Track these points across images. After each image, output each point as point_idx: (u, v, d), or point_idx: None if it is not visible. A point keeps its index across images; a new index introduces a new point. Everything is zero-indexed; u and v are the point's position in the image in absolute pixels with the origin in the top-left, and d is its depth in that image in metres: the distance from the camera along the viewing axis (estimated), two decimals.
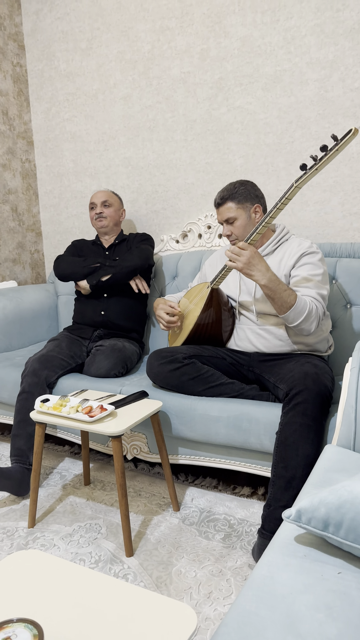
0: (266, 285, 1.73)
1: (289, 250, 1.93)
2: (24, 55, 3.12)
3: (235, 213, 1.96)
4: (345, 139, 1.51)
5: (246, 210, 1.96)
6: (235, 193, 1.95)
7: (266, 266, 1.74)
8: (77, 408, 1.71)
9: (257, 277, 1.73)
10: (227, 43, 2.49)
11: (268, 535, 1.55)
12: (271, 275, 1.73)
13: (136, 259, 2.41)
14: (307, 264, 1.88)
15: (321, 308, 1.81)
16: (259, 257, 1.74)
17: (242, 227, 1.97)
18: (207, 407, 1.85)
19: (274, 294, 1.74)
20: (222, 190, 1.99)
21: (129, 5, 2.73)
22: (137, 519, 1.84)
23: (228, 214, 1.96)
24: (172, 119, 2.72)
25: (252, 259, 1.73)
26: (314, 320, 1.78)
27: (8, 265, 3.10)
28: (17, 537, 1.76)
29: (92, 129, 2.98)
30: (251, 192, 1.97)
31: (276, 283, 1.73)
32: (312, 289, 1.83)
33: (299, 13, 2.30)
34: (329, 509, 0.91)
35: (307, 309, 1.76)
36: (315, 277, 1.85)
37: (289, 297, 1.74)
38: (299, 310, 1.75)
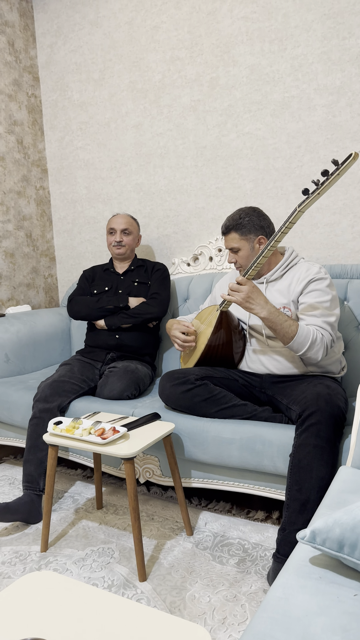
0: (266, 318, 1.77)
1: (297, 275, 1.94)
2: (39, 86, 3.22)
3: (239, 244, 1.98)
4: (345, 163, 1.53)
5: (249, 242, 1.98)
6: (240, 224, 1.97)
7: (264, 299, 1.79)
8: (89, 430, 1.72)
9: (256, 310, 1.78)
10: (236, 71, 2.56)
11: (283, 559, 1.53)
12: (270, 307, 1.77)
13: (156, 310, 2.44)
14: (315, 291, 1.88)
15: (328, 335, 1.81)
16: (257, 291, 1.79)
17: (245, 257, 1.99)
18: (220, 429, 1.84)
19: (275, 325, 1.77)
20: (228, 218, 2.01)
21: (140, 37, 2.81)
22: (150, 544, 1.82)
23: (232, 244, 1.99)
24: (182, 146, 2.77)
25: (251, 293, 1.77)
26: (319, 348, 1.79)
27: (22, 289, 3.14)
28: (29, 561, 1.75)
29: (104, 157, 3.05)
30: (256, 223, 1.98)
31: (275, 315, 1.77)
32: (318, 318, 1.84)
33: (306, 41, 2.36)
34: (344, 530, 0.90)
35: (311, 338, 1.77)
36: (322, 304, 1.85)
37: (289, 327, 1.76)
38: (302, 340, 1.76)
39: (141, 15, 2.79)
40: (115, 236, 2.57)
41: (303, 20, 2.35)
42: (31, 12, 3.15)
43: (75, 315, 2.52)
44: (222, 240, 2.66)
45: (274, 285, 1.98)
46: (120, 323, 2.42)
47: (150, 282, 2.55)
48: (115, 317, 2.43)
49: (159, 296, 2.48)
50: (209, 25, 2.60)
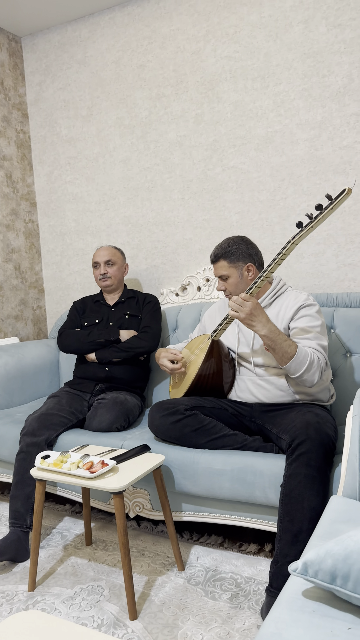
0: (266, 336, 1.75)
1: (285, 302, 1.96)
2: (28, 122, 3.28)
3: (228, 271, 2.01)
4: (339, 198, 1.56)
5: (238, 269, 2.00)
6: (228, 252, 2.00)
7: (267, 317, 1.77)
8: (77, 464, 1.69)
9: (257, 327, 1.75)
10: (221, 107, 2.63)
11: (276, 593, 1.50)
12: (271, 326, 1.76)
13: (147, 344, 2.43)
14: (306, 316, 1.90)
15: (323, 359, 1.81)
16: (260, 308, 1.77)
17: (234, 284, 2.01)
18: (211, 460, 1.82)
19: (275, 344, 1.75)
20: (217, 247, 2.04)
21: (126, 76, 2.90)
22: (140, 580, 1.78)
23: (221, 272, 2.02)
24: (169, 180, 2.82)
25: (254, 310, 1.75)
26: (316, 371, 1.78)
27: (10, 321, 3.13)
28: (16, 601, 1.70)
29: (93, 190, 3.09)
30: (244, 251, 2.01)
31: (276, 334, 1.75)
32: (312, 340, 1.84)
33: (287, 79, 2.44)
34: (336, 560, 0.89)
35: (309, 359, 1.76)
36: (314, 328, 1.87)
37: (289, 347, 1.75)
38: (300, 360, 1.75)
39: (127, 54, 2.88)
40: (99, 269, 2.57)
41: (284, 59, 2.44)
42: (20, 51, 3.24)
43: (65, 348, 2.51)
44: (210, 270, 2.69)
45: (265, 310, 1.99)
46: (112, 357, 2.41)
47: (142, 315, 2.55)
48: (106, 351, 2.42)
49: (150, 330, 2.48)
50: (193, 64, 2.68)
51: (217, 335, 2.01)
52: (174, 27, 2.72)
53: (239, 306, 1.77)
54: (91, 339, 2.45)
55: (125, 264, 2.66)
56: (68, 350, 2.51)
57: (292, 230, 2.51)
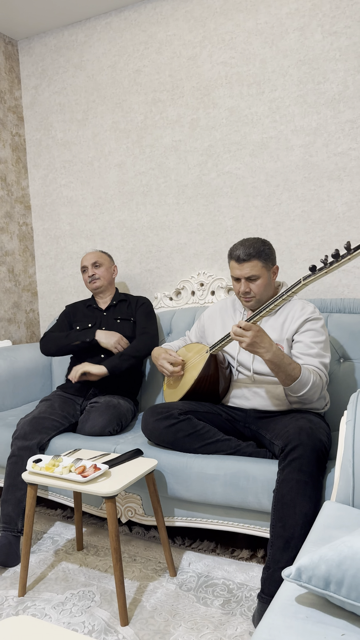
0: (270, 360, 1.72)
1: (292, 313, 1.94)
2: (23, 125, 3.27)
3: (260, 272, 1.90)
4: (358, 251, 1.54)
5: (268, 271, 1.93)
6: (262, 252, 1.90)
7: (270, 342, 1.72)
8: (70, 468, 1.68)
9: (261, 352, 1.72)
10: (216, 113, 2.64)
11: (268, 599, 1.49)
12: (275, 350, 1.72)
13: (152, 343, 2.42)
14: (311, 330, 1.88)
15: (324, 377, 1.81)
16: (262, 334, 1.72)
17: (263, 286, 1.92)
18: (204, 465, 1.82)
19: (278, 367, 1.73)
20: (247, 246, 1.90)
21: (122, 80, 2.90)
22: (132, 585, 1.77)
23: (253, 272, 1.89)
24: (164, 184, 2.83)
25: (256, 338, 1.70)
26: (317, 391, 1.79)
27: (3, 324, 3.12)
28: (6, 606, 1.68)
29: (87, 194, 3.09)
30: (273, 253, 1.95)
31: (280, 358, 1.72)
32: (314, 358, 1.83)
33: (283, 85, 2.45)
34: (330, 566, 0.88)
35: (312, 380, 1.76)
36: (317, 344, 1.85)
37: (293, 370, 1.73)
38: (304, 382, 1.75)
39: (124, 59, 2.88)
40: (87, 272, 2.58)
41: (280, 66, 2.45)
42: (16, 55, 3.24)
43: (46, 352, 2.54)
44: (204, 275, 2.68)
45: (268, 320, 1.97)
46: (124, 366, 2.34)
47: (136, 318, 2.54)
48: (115, 360, 2.34)
49: (149, 331, 2.46)
50: (189, 70, 2.69)
51: (215, 351, 1.99)
52: (170, 32, 2.73)
53: (240, 336, 1.72)
54: (68, 341, 2.45)
55: (114, 266, 2.66)
56: (48, 353, 2.53)
57: (286, 235, 2.51)
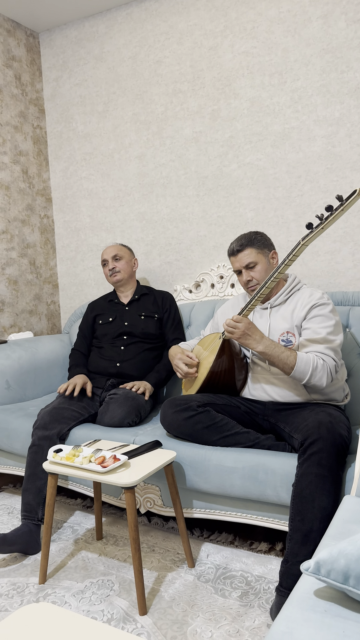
0: (263, 352, 1.81)
1: (300, 300, 1.95)
2: (44, 118, 3.29)
3: (256, 258, 1.99)
4: (350, 199, 1.54)
5: (265, 256, 2.01)
6: (254, 240, 2.00)
7: (260, 334, 1.82)
8: (90, 458, 1.69)
9: (252, 344, 1.82)
10: (237, 104, 2.61)
11: (286, 592, 1.49)
12: (266, 341, 1.81)
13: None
14: (318, 316, 1.89)
15: (331, 361, 1.81)
16: (252, 327, 1.82)
17: (263, 271, 2.00)
18: (222, 458, 1.82)
19: (272, 358, 1.80)
20: (239, 239, 2.02)
21: (143, 71, 2.89)
22: (150, 576, 1.78)
23: (248, 260, 1.99)
24: (184, 176, 2.81)
25: (247, 330, 1.81)
26: (322, 375, 1.79)
27: (25, 316, 3.15)
28: (27, 593, 1.71)
29: (108, 186, 3.10)
30: (267, 240, 2.04)
31: (272, 348, 1.80)
32: (320, 344, 1.84)
33: (305, 75, 2.42)
34: (349, 561, 0.88)
35: (311, 365, 1.77)
36: (325, 329, 1.86)
37: (287, 358, 1.79)
38: (303, 368, 1.78)
39: (144, 50, 2.87)
40: (108, 265, 2.59)
41: (302, 55, 2.42)
42: (38, 47, 3.25)
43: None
44: (224, 267, 2.67)
45: (278, 310, 1.99)
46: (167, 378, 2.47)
47: (164, 321, 2.56)
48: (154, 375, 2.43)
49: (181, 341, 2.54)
50: (210, 60, 2.67)
51: (227, 336, 1.99)
52: (191, 22, 2.71)
53: (232, 328, 1.82)
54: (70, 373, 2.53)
55: (134, 259, 2.66)
56: None
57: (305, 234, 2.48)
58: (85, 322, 2.66)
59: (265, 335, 1.83)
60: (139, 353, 2.48)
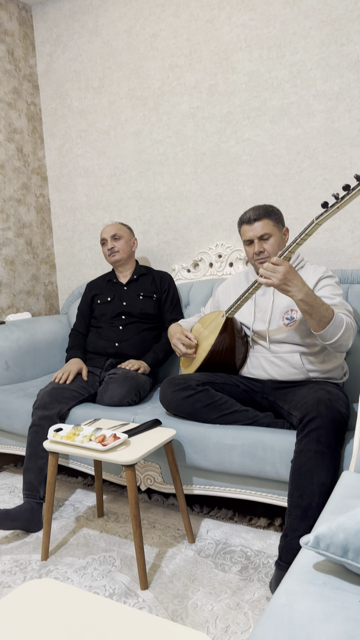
0: (303, 300, 1.66)
1: (304, 276, 1.95)
2: (38, 94, 3.23)
3: (271, 230, 1.95)
4: None
5: (279, 230, 1.99)
6: (272, 212, 1.97)
7: (302, 281, 1.67)
8: (90, 437, 1.70)
9: (293, 291, 1.66)
10: (235, 78, 2.57)
11: (285, 566, 1.51)
12: (308, 289, 1.67)
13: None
14: (328, 286, 1.90)
15: (354, 323, 1.78)
16: (294, 272, 1.67)
17: (276, 244, 1.96)
18: (221, 435, 1.83)
19: (312, 308, 1.67)
20: (255, 208, 1.98)
21: (139, 45, 2.83)
22: (151, 551, 1.81)
23: (264, 230, 1.94)
24: (182, 153, 2.78)
25: (288, 274, 1.65)
26: (350, 335, 1.74)
27: (22, 297, 3.14)
28: (30, 570, 1.73)
29: (104, 164, 3.06)
30: (282, 216, 2.02)
31: (313, 297, 1.67)
32: (339, 307, 1.82)
33: (304, 48, 2.37)
34: (348, 534, 0.89)
35: (345, 323, 1.72)
36: (338, 296, 1.87)
37: (326, 311, 1.68)
38: (337, 324, 1.69)
39: (140, 23, 2.81)
40: (107, 245, 2.57)
41: (301, 27, 2.36)
42: (30, 21, 3.17)
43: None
44: (222, 246, 2.65)
45: None
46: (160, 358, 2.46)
47: (162, 301, 2.55)
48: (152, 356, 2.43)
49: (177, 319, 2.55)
50: (207, 33, 2.61)
51: (232, 313, 1.99)
52: None
53: (272, 272, 1.66)
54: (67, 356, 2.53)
55: (134, 239, 2.63)
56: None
57: (306, 204, 2.46)
58: (84, 301, 2.65)
59: (305, 283, 1.68)
60: (138, 333, 2.48)
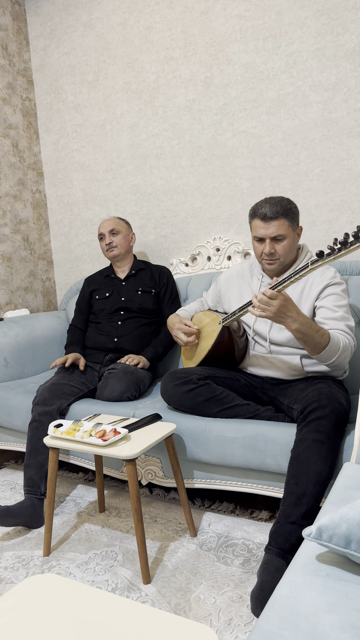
0: (297, 329, 1.64)
1: (311, 279, 1.87)
2: (33, 89, 3.21)
3: (286, 231, 1.82)
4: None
5: (294, 231, 1.86)
6: (290, 210, 1.82)
7: (297, 311, 1.64)
8: (90, 432, 1.70)
9: (287, 322, 1.64)
10: (231, 70, 2.55)
11: (274, 550, 1.50)
12: (302, 319, 1.64)
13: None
14: (333, 295, 1.81)
15: (352, 340, 1.74)
16: (289, 304, 1.62)
17: (289, 247, 1.85)
18: (222, 428, 1.83)
19: (306, 336, 1.65)
20: (273, 204, 1.82)
21: (133, 38, 2.81)
22: (153, 546, 1.81)
23: (280, 231, 1.81)
24: (178, 146, 2.76)
25: (282, 307, 1.61)
26: (346, 355, 1.72)
27: (20, 293, 3.13)
28: (32, 565, 1.73)
29: (100, 159, 3.04)
30: (298, 213, 1.88)
31: (307, 326, 1.64)
32: (339, 322, 1.76)
33: (300, 38, 2.35)
34: (351, 525, 0.88)
35: (341, 345, 1.68)
36: (341, 308, 1.79)
37: (322, 337, 1.65)
38: (333, 348, 1.67)
39: (134, 16, 2.79)
40: (105, 240, 2.56)
41: (297, 17, 2.35)
42: (24, 15, 3.15)
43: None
44: (220, 239, 2.64)
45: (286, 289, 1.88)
46: (159, 352, 2.45)
47: (161, 295, 2.54)
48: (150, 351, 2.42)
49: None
50: (202, 24, 2.59)
51: (228, 323, 1.94)
52: None
53: (265, 305, 1.62)
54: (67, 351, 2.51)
55: (132, 233, 2.62)
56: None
57: (304, 196, 2.45)
58: (82, 297, 2.64)
59: (301, 312, 1.64)
60: (137, 328, 2.47)
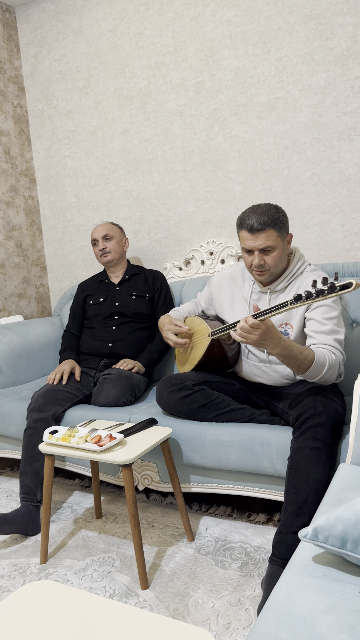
0: (279, 353, 1.63)
1: (302, 288, 1.83)
2: (24, 96, 3.21)
3: (275, 242, 1.75)
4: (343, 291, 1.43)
5: (283, 240, 1.78)
6: (277, 220, 1.74)
7: (279, 336, 1.60)
8: (86, 438, 1.69)
9: (268, 348, 1.62)
10: (221, 75, 2.57)
11: (279, 561, 1.51)
12: (284, 343, 1.61)
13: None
14: (322, 306, 1.76)
15: (340, 355, 1.71)
16: (271, 331, 1.58)
17: (278, 258, 1.77)
18: (218, 432, 1.83)
19: (289, 359, 1.64)
20: (260, 213, 1.74)
21: (124, 44, 2.82)
22: (151, 551, 1.80)
23: (268, 243, 1.74)
24: (170, 151, 2.77)
25: (264, 335, 1.58)
26: (333, 372, 1.70)
27: (14, 300, 3.12)
28: (29, 573, 1.72)
29: (92, 164, 3.04)
30: (287, 221, 1.81)
31: (289, 350, 1.61)
32: (328, 335, 1.73)
33: (289, 43, 2.37)
34: (346, 526, 0.88)
35: (327, 364, 1.66)
36: (330, 320, 1.75)
37: (305, 358, 1.63)
38: (317, 368, 1.65)
39: (124, 22, 2.80)
40: (98, 245, 2.56)
41: (286, 22, 2.36)
42: (14, 22, 3.16)
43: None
44: (213, 243, 2.65)
45: (277, 297, 1.87)
46: (155, 357, 2.45)
47: (155, 300, 2.54)
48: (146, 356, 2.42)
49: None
50: (192, 30, 2.61)
51: (217, 337, 1.92)
52: None
53: (247, 334, 1.59)
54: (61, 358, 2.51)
55: (125, 238, 2.63)
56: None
57: (296, 199, 2.46)
58: (76, 302, 2.64)
59: (282, 336, 1.62)
60: (131, 333, 2.47)
